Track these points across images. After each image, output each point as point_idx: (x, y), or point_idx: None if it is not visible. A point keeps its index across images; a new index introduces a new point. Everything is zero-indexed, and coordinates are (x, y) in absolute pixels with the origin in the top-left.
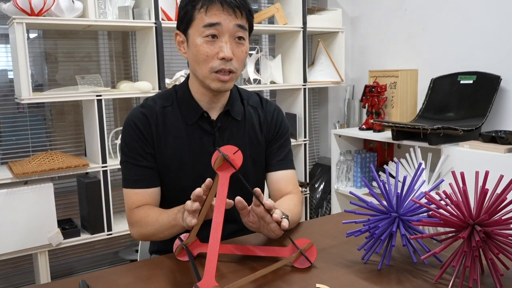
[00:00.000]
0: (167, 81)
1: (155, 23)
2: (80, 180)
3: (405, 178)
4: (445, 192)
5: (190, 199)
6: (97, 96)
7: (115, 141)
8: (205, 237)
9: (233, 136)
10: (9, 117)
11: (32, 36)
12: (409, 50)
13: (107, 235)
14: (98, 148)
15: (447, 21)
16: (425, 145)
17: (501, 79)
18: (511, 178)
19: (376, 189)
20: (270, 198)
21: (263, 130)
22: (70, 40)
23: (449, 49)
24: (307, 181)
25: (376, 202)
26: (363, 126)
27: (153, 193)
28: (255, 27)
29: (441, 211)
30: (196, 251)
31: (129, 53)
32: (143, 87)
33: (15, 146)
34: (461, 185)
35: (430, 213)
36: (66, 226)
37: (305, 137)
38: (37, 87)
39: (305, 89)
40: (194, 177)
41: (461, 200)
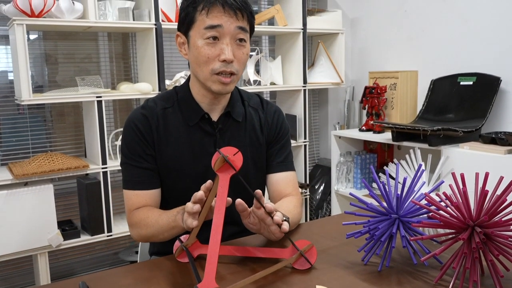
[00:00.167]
0: (167, 82)
1: (155, 25)
2: (80, 181)
3: (405, 179)
4: (445, 194)
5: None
6: (97, 97)
7: (115, 142)
8: (205, 238)
9: (234, 137)
10: (9, 118)
11: (32, 37)
12: (409, 51)
13: (107, 236)
14: (98, 149)
15: (447, 22)
16: (425, 146)
17: (501, 80)
18: (511, 179)
19: (376, 190)
20: (269, 199)
21: (264, 132)
22: (70, 41)
23: (449, 51)
24: (307, 182)
25: (376, 203)
26: (363, 127)
27: (153, 195)
28: (255, 28)
29: (441, 212)
30: (196, 253)
31: (129, 54)
32: (143, 88)
33: (15, 147)
34: (461, 186)
35: (430, 214)
36: (66, 228)
37: (305, 138)
38: (37, 88)
39: (305, 90)
40: (194, 178)
41: (461, 202)
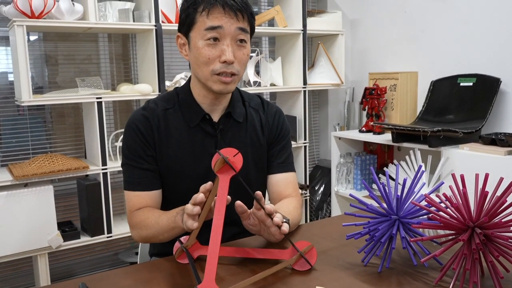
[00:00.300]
0: (167, 83)
1: (155, 26)
2: (80, 182)
3: (405, 180)
4: (445, 195)
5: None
6: (97, 98)
7: (115, 143)
8: (205, 240)
9: (235, 138)
10: (9, 119)
11: (32, 38)
12: (409, 52)
13: (107, 237)
14: (98, 150)
15: (447, 23)
16: (425, 147)
17: (501, 81)
18: (511, 180)
19: (376, 191)
20: (269, 200)
21: (265, 132)
22: (70, 42)
23: (449, 52)
24: (307, 183)
25: (376, 204)
26: (363, 128)
27: (154, 196)
28: (255, 29)
29: (441, 213)
30: (196, 254)
31: (129, 55)
32: (143, 89)
33: (15, 148)
34: (461, 187)
35: (430, 215)
36: (66, 229)
37: (305, 139)
38: (37, 89)
39: (305, 91)
40: (195, 179)
41: (461, 203)
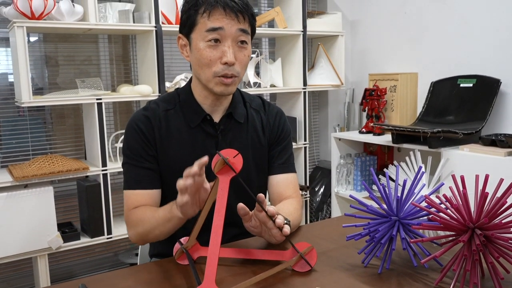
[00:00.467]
0: (167, 84)
1: (155, 27)
2: (80, 183)
3: (405, 181)
4: (445, 196)
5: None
6: (97, 99)
7: (115, 144)
8: (205, 241)
9: (236, 138)
10: (9, 120)
11: (32, 39)
12: (409, 53)
13: (107, 238)
14: (98, 151)
15: (447, 24)
16: (425, 148)
17: (501, 82)
18: (511, 181)
19: (376, 192)
20: (270, 201)
21: (266, 133)
22: (70, 43)
23: (449, 53)
24: (307, 184)
25: (376, 205)
26: (363, 129)
27: (153, 195)
28: (256, 30)
29: (441, 214)
30: (196, 255)
31: (129, 56)
32: (143, 90)
33: (15, 149)
34: (461, 188)
35: (430, 216)
36: (66, 230)
37: (305, 140)
38: (38, 90)
39: (305, 92)
40: None
41: (461, 204)
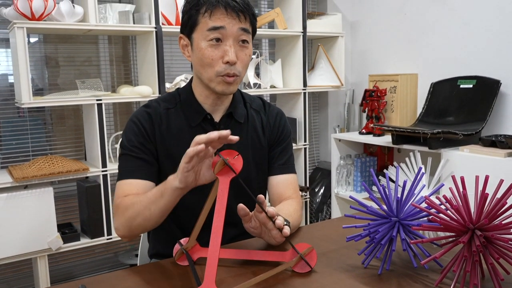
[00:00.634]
0: (167, 85)
1: (155, 28)
2: (80, 184)
3: (405, 182)
4: (445, 197)
5: (191, 201)
6: (97, 100)
7: (115, 145)
8: (205, 242)
9: None
10: (9, 121)
11: (32, 40)
12: (409, 54)
13: (107, 239)
14: (98, 152)
15: (446, 25)
16: (425, 149)
17: (501, 83)
18: (511, 182)
19: (376, 193)
20: (269, 201)
21: (266, 134)
22: (70, 44)
23: (449, 54)
24: (307, 185)
25: (376, 206)
26: (363, 130)
27: (147, 186)
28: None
29: (441, 215)
30: (196, 256)
31: (129, 57)
32: (143, 91)
33: (15, 150)
34: (461, 189)
35: (430, 217)
36: (66, 231)
37: (305, 141)
38: (38, 91)
39: (305, 93)
40: None
41: (461, 205)
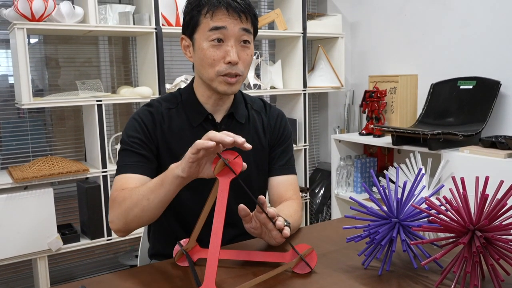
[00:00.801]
0: (168, 86)
1: (156, 29)
2: (80, 185)
3: (405, 183)
4: (445, 198)
5: (191, 200)
6: (97, 101)
7: (115, 146)
8: (205, 242)
9: None
10: (9, 122)
11: (32, 41)
12: (409, 55)
13: (107, 240)
14: (98, 153)
15: (446, 26)
16: (425, 150)
17: (501, 84)
18: (511, 183)
19: (376, 194)
20: (270, 202)
21: (267, 134)
22: (70, 45)
23: (449, 54)
24: (307, 186)
25: (376, 207)
26: (363, 131)
27: (146, 182)
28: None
29: (441, 216)
30: (196, 257)
31: (129, 58)
32: (143, 92)
33: (15, 151)
34: (461, 190)
35: (431, 218)
36: (66, 231)
37: (305, 142)
38: (38, 92)
39: (305, 94)
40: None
41: (461, 206)
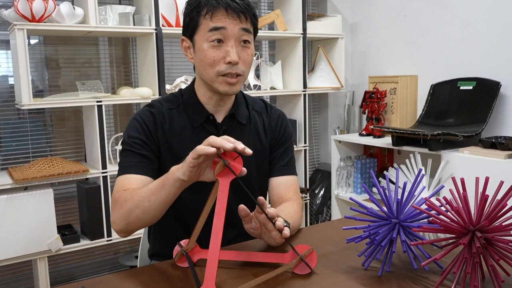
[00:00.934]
0: (168, 87)
1: (156, 29)
2: (80, 186)
3: (405, 184)
4: (445, 198)
5: (191, 201)
6: (97, 102)
7: (115, 147)
8: (205, 243)
9: (238, 139)
10: (10, 123)
11: (32, 42)
12: (409, 56)
13: (107, 241)
14: (98, 153)
15: (446, 27)
16: (425, 151)
17: (501, 85)
18: (511, 184)
19: (376, 195)
20: (270, 203)
21: (267, 135)
22: (70, 46)
23: (449, 55)
24: (307, 187)
25: (376, 208)
26: (363, 132)
27: (147, 182)
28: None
29: (441, 217)
30: (196, 257)
31: (129, 59)
32: (143, 93)
33: (15, 151)
34: (461, 191)
35: (431, 219)
36: (66, 232)
37: (305, 143)
38: (38, 93)
39: (305, 95)
40: None
41: (461, 206)
